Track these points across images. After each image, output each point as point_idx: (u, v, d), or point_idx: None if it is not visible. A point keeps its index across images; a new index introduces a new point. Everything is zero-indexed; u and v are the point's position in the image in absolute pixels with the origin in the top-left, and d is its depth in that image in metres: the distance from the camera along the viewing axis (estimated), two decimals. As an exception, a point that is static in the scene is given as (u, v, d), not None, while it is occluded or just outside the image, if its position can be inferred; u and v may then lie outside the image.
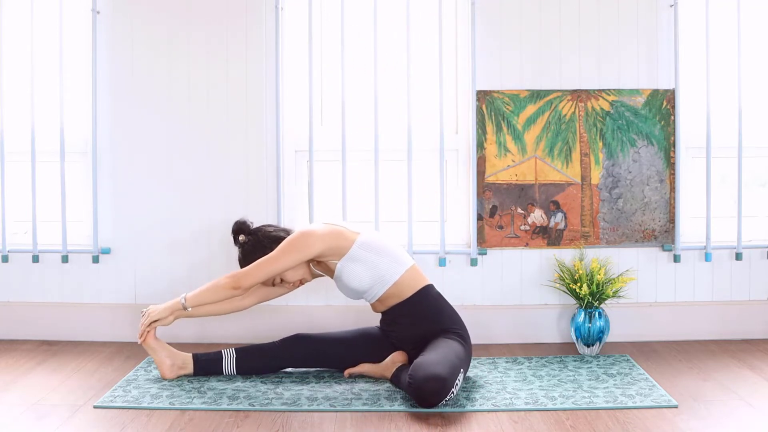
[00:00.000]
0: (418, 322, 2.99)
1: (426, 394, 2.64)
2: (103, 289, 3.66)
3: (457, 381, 2.71)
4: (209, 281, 3.61)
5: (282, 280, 3.11)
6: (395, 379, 2.91)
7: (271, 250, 3.04)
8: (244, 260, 3.12)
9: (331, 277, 3.09)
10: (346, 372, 3.06)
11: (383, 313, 3.09)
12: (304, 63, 3.61)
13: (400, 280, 2.98)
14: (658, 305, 3.62)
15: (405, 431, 2.50)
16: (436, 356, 2.75)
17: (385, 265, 2.98)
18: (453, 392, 2.68)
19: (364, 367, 3.05)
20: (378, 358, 3.06)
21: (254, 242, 3.11)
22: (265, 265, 2.97)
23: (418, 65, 3.64)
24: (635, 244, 3.60)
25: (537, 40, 3.56)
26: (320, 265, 3.10)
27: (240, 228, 3.17)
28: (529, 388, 2.90)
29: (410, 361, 3.00)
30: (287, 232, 3.14)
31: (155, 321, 3.02)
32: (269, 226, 3.19)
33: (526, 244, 3.60)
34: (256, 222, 3.63)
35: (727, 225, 3.64)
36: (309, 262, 3.10)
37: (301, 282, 3.16)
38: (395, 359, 3.01)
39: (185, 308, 3.02)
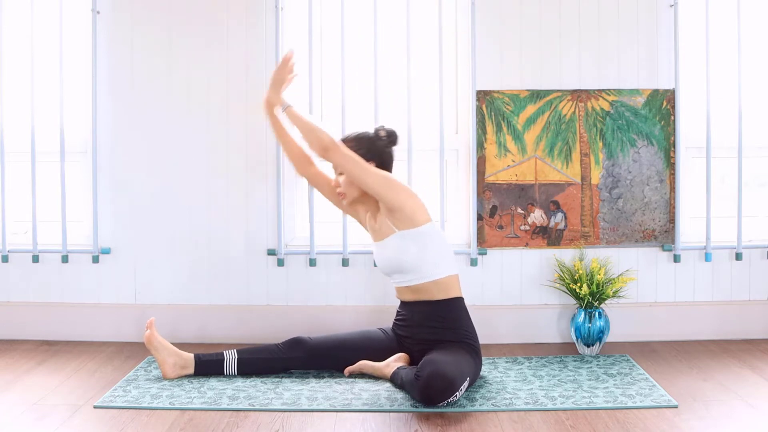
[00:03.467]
0: (436, 326, 2.98)
1: (432, 390, 2.64)
2: (103, 289, 3.66)
3: (462, 387, 2.71)
4: (209, 281, 3.63)
5: (340, 194, 3.10)
6: (395, 378, 2.91)
7: (370, 160, 3.02)
8: (356, 136, 3.08)
9: (375, 239, 3.09)
10: (346, 370, 3.06)
11: (406, 304, 3.08)
12: (304, 63, 3.61)
13: (440, 280, 2.98)
14: (658, 305, 3.62)
15: (405, 431, 2.50)
16: (447, 357, 2.76)
17: (434, 260, 2.97)
18: (456, 395, 2.68)
19: (364, 365, 3.05)
20: (378, 360, 3.05)
21: (380, 145, 3.07)
22: (357, 165, 2.94)
23: (418, 65, 3.64)
24: (635, 244, 3.60)
25: (537, 40, 3.56)
26: (373, 219, 3.09)
27: (393, 132, 3.12)
28: (529, 388, 2.90)
29: (412, 364, 3.00)
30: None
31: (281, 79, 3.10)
32: (392, 162, 3.13)
33: (526, 244, 3.60)
34: (256, 222, 3.64)
35: (727, 225, 3.64)
36: (371, 207, 3.09)
37: (345, 196, 3.10)
38: (397, 360, 3.01)
39: (283, 109, 3.05)
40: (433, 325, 2.98)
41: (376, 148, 3.07)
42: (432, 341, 2.95)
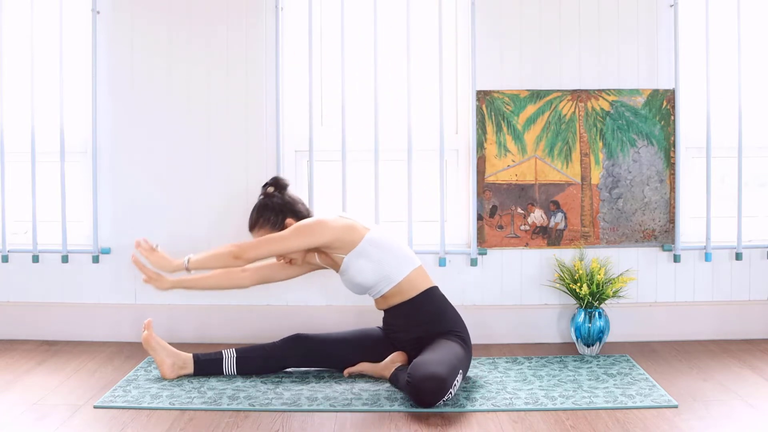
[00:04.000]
0: (420, 322, 2.99)
1: (424, 393, 2.64)
2: (103, 289, 3.66)
3: (455, 382, 2.70)
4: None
5: (289, 260, 3.10)
6: (394, 379, 2.91)
7: (284, 219, 3.03)
8: (256, 213, 3.08)
9: (336, 271, 3.09)
10: (346, 371, 3.06)
11: (386, 311, 3.09)
12: (304, 63, 3.61)
13: (406, 279, 2.98)
14: (658, 305, 3.62)
15: (405, 431, 2.50)
16: (436, 356, 2.75)
17: (392, 264, 2.97)
18: (451, 393, 2.68)
19: (364, 366, 3.05)
20: (378, 359, 3.06)
21: (277, 201, 3.08)
22: (272, 242, 2.94)
23: (418, 65, 3.64)
24: (635, 244, 3.60)
25: (537, 40, 3.56)
26: (326, 257, 3.09)
27: (277, 181, 3.13)
28: (529, 388, 2.90)
29: (410, 361, 3.00)
30: (308, 216, 3.11)
31: (154, 273, 2.99)
32: (299, 200, 3.15)
33: (526, 244, 3.60)
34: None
35: (727, 225, 3.64)
36: (315, 251, 3.10)
37: (295, 260, 3.11)
38: (394, 359, 3.01)
39: (188, 270, 2.97)
40: (415, 323, 2.99)
41: (278, 206, 3.07)
42: (420, 338, 2.96)
